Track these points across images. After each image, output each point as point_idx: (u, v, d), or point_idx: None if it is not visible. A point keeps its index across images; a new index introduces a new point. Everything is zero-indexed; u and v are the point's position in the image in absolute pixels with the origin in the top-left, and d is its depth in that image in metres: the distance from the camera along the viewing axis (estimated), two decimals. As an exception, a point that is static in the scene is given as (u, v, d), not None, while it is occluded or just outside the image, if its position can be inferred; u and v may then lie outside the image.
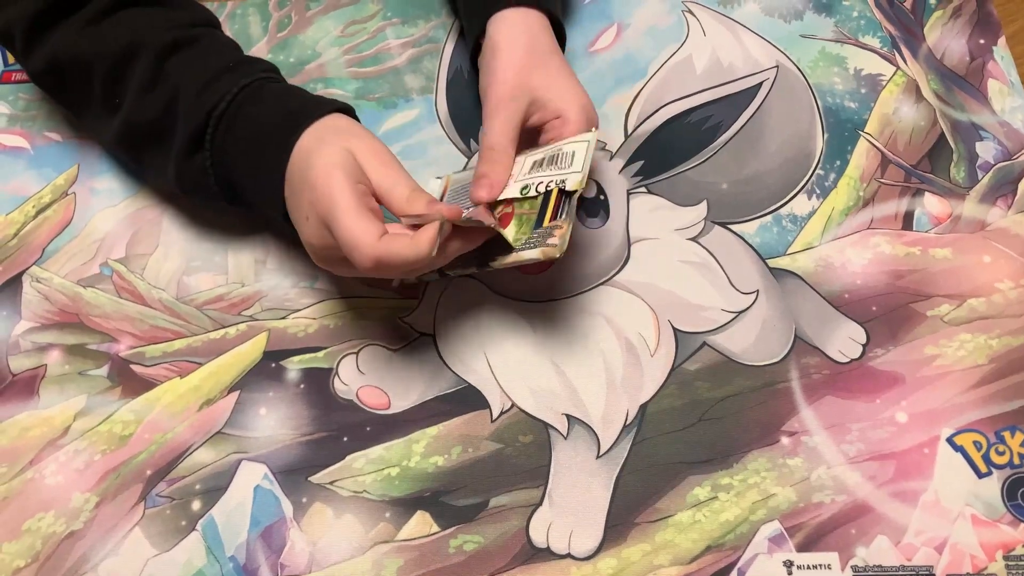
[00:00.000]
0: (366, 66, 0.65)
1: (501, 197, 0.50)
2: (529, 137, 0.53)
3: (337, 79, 0.64)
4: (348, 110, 0.51)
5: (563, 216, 0.47)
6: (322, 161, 0.46)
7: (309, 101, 0.51)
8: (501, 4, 0.54)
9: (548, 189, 0.48)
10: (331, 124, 0.49)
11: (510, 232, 0.48)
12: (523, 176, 0.50)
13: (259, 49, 0.65)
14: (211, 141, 0.50)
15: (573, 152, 0.49)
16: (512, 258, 0.47)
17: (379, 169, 0.47)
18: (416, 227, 0.45)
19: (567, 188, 0.47)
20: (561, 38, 0.57)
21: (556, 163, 0.49)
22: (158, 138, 0.52)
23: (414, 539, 0.50)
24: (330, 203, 0.44)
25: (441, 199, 0.55)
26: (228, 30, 0.66)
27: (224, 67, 0.51)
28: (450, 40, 0.66)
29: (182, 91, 0.50)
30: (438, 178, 0.58)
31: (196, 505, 0.51)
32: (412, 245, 0.44)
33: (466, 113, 0.63)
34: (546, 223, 0.47)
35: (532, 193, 0.48)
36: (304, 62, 0.65)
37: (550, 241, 0.46)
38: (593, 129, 0.50)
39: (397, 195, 0.46)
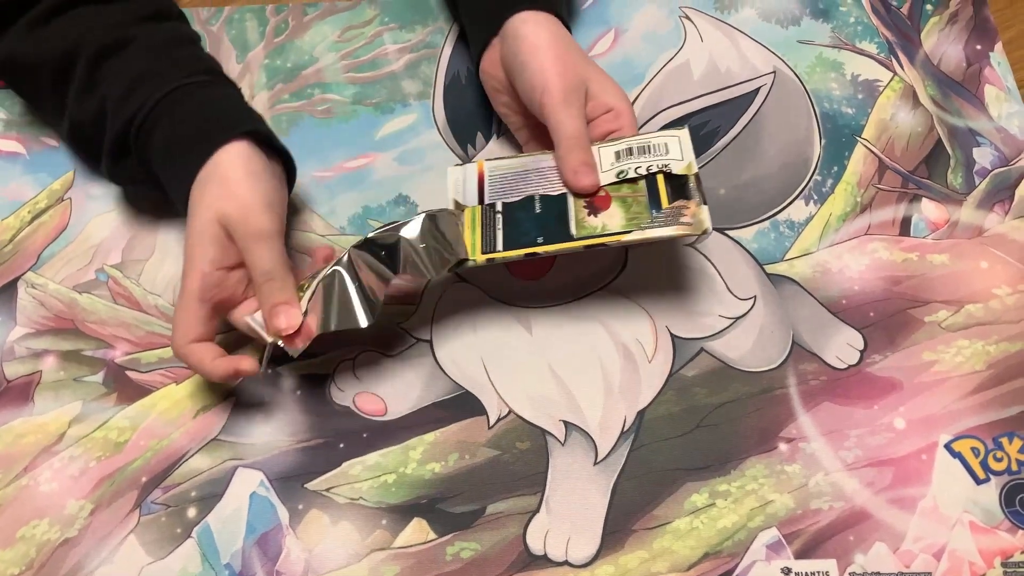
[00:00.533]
0: (363, 71, 0.65)
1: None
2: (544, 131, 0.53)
3: (334, 84, 0.64)
4: (256, 135, 0.51)
5: (693, 197, 0.49)
6: (194, 223, 0.49)
7: (211, 126, 0.51)
8: (520, 5, 0.54)
9: (650, 172, 0.50)
10: (220, 170, 0.49)
11: (616, 214, 0.49)
12: (611, 165, 0.51)
13: (256, 54, 0.65)
14: (135, 148, 0.52)
15: (666, 144, 0.51)
16: (640, 235, 0.48)
17: (245, 243, 0.48)
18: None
19: (674, 172, 0.50)
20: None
21: (648, 152, 0.51)
22: (96, 144, 0.53)
23: (411, 546, 0.50)
24: (184, 269, 0.49)
25: (480, 188, 0.53)
26: (225, 35, 0.66)
27: (152, 72, 0.52)
28: (448, 45, 0.66)
29: (109, 97, 0.52)
30: (458, 165, 0.55)
31: (191, 512, 0.51)
32: (209, 367, 0.48)
33: (463, 118, 0.63)
34: (665, 205, 0.49)
35: (632, 175, 0.50)
36: (301, 67, 0.65)
37: (683, 220, 0.48)
38: (686, 127, 0.52)
39: (256, 279, 0.49)
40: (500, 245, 0.49)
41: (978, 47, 0.67)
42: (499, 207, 0.51)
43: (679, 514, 0.51)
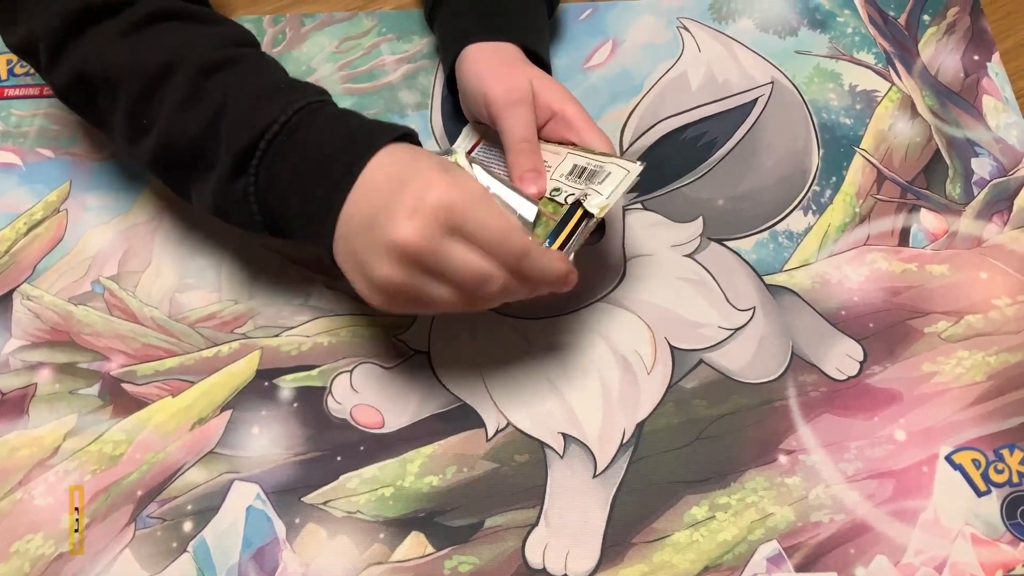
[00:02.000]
0: (361, 82, 0.65)
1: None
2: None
3: (332, 95, 0.64)
4: (411, 136, 0.47)
5: (570, 247, 0.47)
6: (416, 182, 0.42)
7: (370, 127, 0.46)
8: (473, 37, 0.55)
9: (575, 201, 0.48)
10: (398, 156, 0.44)
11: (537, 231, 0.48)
12: (560, 176, 0.50)
13: (253, 65, 0.65)
14: (258, 165, 0.45)
15: (610, 175, 0.49)
16: None
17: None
18: None
19: (589, 211, 0.47)
20: (543, 67, 0.57)
21: (594, 179, 0.49)
22: (195, 161, 0.48)
23: (408, 560, 0.50)
24: (464, 202, 0.41)
25: (470, 151, 0.55)
26: (222, 46, 0.66)
27: (275, 86, 0.48)
28: (445, 56, 0.66)
29: (229, 108, 0.46)
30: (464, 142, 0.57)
31: (187, 526, 0.50)
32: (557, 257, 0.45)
33: (461, 129, 0.63)
34: (557, 243, 0.47)
35: (561, 200, 0.49)
36: (299, 77, 0.65)
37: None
38: (641, 164, 0.49)
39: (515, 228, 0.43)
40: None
41: (976, 57, 0.67)
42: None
43: (679, 527, 0.50)
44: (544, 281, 0.44)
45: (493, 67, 0.54)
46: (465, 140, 0.59)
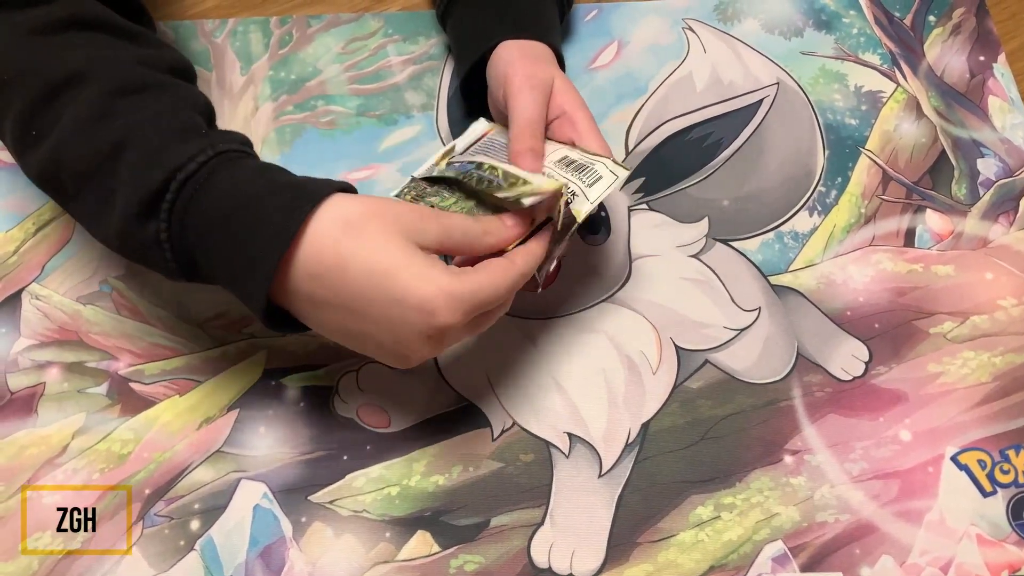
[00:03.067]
0: (367, 83, 0.65)
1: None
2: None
3: (338, 96, 0.64)
4: (349, 189, 0.43)
5: (557, 246, 0.47)
6: (364, 246, 0.39)
7: (304, 180, 0.42)
8: (501, 34, 0.54)
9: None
10: (344, 205, 0.40)
11: None
12: (550, 163, 0.50)
13: (260, 66, 0.65)
14: (170, 211, 0.40)
15: (600, 178, 0.48)
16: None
17: (436, 220, 0.41)
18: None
19: (573, 210, 0.47)
20: (561, 65, 0.57)
21: (583, 173, 0.49)
22: (92, 186, 0.42)
23: (414, 559, 0.50)
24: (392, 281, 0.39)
25: (474, 143, 0.54)
26: (229, 47, 0.66)
27: (194, 125, 0.42)
28: (451, 57, 0.66)
29: (135, 138, 0.41)
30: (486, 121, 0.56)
31: (195, 525, 0.50)
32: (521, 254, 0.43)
33: (467, 130, 0.63)
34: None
35: None
36: (305, 79, 0.65)
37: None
38: (628, 168, 0.49)
39: (472, 230, 0.43)
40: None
41: (981, 58, 0.67)
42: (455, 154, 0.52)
43: (684, 527, 0.50)
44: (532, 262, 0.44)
45: (521, 57, 0.53)
46: (469, 136, 0.56)
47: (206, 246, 0.41)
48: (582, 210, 0.46)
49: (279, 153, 0.62)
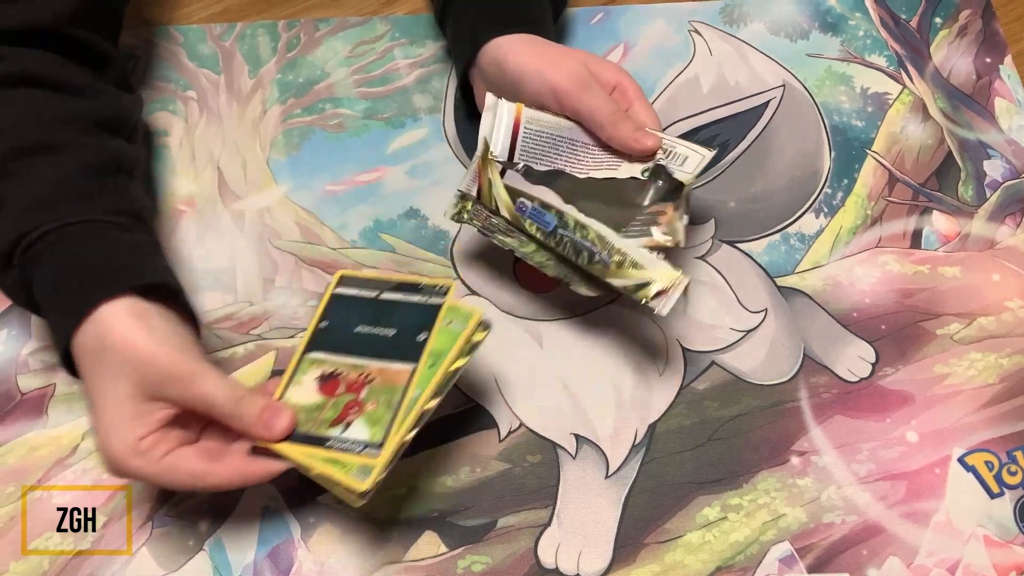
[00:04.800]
0: (374, 86, 0.66)
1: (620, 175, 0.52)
2: None
3: (346, 99, 0.65)
4: (160, 288, 0.46)
5: (679, 207, 0.50)
6: (105, 402, 0.43)
7: (96, 276, 0.45)
8: (495, 30, 0.54)
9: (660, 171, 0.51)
10: (110, 321, 0.43)
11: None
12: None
13: (268, 69, 0.66)
14: (20, 266, 0.46)
15: (687, 157, 0.51)
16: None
17: (179, 386, 0.43)
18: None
19: (675, 176, 0.50)
20: None
21: (669, 157, 0.51)
22: None
23: (422, 560, 0.50)
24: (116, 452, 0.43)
25: (513, 137, 0.53)
26: (238, 50, 0.67)
27: (74, 188, 0.47)
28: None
29: (12, 198, 0.47)
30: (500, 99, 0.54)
31: (203, 525, 0.51)
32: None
33: (474, 132, 0.63)
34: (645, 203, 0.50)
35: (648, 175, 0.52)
36: (313, 82, 0.65)
37: (658, 226, 0.50)
38: (714, 149, 0.51)
39: (221, 398, 0.44)
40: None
41: (988, 60, 0.67)
42: (523, 181, 0.52)
43: (691, 528, 0.50)
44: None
45: (538, 52, 0.53)
46: (499, 124, 0.53)
47: (41, 298, 0.46)
48: (683, 177, 0.50)
49: (287, 156, 0.62)
